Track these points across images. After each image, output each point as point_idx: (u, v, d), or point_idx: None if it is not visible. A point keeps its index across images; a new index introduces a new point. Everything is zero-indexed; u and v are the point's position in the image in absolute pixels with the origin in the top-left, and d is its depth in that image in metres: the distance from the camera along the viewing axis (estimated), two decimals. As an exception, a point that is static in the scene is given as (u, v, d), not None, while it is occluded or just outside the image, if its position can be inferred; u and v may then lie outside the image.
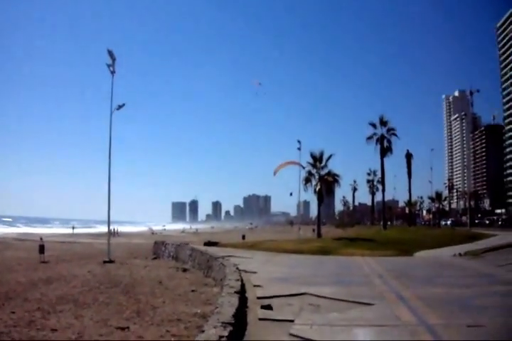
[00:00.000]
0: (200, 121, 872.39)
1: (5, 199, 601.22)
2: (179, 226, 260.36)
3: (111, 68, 42.44)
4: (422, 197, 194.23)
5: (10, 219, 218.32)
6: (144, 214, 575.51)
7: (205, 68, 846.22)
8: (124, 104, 43.22)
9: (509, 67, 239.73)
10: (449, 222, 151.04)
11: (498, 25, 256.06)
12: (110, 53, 42.14)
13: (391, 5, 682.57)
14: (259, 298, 17.00)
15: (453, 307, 15.12)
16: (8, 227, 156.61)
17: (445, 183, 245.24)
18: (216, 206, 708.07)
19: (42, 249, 39.96)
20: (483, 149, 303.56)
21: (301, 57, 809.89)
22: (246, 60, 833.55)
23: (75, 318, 16.65)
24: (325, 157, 75.38)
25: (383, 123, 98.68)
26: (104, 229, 73.09)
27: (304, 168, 72.40)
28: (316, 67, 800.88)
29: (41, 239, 43.71)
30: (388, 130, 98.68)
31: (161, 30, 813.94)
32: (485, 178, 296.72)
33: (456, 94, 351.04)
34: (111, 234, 50.70)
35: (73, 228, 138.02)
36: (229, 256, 32.21)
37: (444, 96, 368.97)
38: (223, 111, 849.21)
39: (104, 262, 37.46)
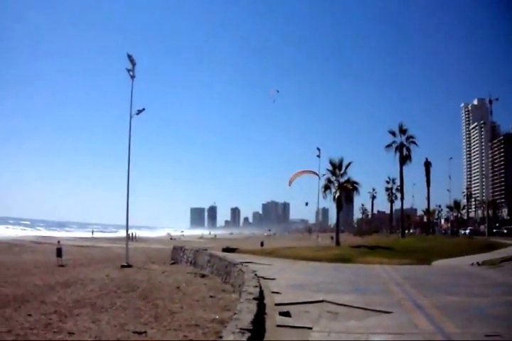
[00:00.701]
0: (219, 128, 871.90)
1: (24, 203, 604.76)
2: (198, 232, 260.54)
3: (131, 73, 42.24)
4: (440, 206, 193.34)
5: (28, 222, 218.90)
6: (163, 219, 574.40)
7: (223, 75, 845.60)
8: (143, 109, 43.01)
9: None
10: (467, 231, 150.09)
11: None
12: (130, 58, 41.93)
13: (410, 15, 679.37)
14: (277, 304, 16.98)
15: (470, 316, 15.03)
16: (26, 230, 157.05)
17: (463, 192, 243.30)
18: (235, 212, 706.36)
19: (59, 252, 40.08)
20: (502, 158, 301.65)
21: (320, 64, 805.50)
22: (265, 68, 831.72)
23: (92, 322, 16.67)
24: (344, 164, 75.23)
25: (402, 131, 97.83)
26: (122, 233, 73.30)
27: (319, 177, 71.99)
28: (335, 74, 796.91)
29: (59, 242, 43.58)
30: (407, 138, 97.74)
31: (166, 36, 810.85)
32: (503, 187, 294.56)
33: (475, 102, 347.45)
34: (129, 238, 50.77)
35: (93, 232, 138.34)
36: (247, 262, 32.22)
37: (462, 104, 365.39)
38: (243, 118, 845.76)
39: (122, 266, 37.54)
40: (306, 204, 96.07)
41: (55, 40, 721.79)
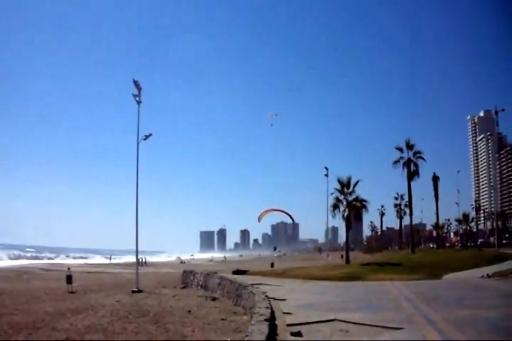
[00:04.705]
0: (225, 150, 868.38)
1: (33, 231, 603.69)
2: (207, 255, 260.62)
3: (137, 98, 42.25)
4: (449, 220, 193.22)
5: (33, 250, 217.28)
6: (173, 243, 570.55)
7: (229, 95, 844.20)
8: (150, 134, 42.83)
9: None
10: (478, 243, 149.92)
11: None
12: (136, 83, 41.89)
13: (414, 27, 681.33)
14: (288, 325, 16.93)
15: (481, 328, 15.01)
16: (34, 258, 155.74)
17: (472, 204, 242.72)
18: (244, 234, 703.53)
19: (69, 279, 40.03)
20: (510, 168, 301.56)
21: (325, 81, 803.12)
22: (270, 87, 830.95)
23: (103, 348, 16.66)
24: (352, 182, 75.48)
25: (410, 146, 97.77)
26: (132, 258, 73.30)
27: (293, 221, 72.81)
28: (341, 91, 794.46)
29: (69, 269, 43.62)
30: (415, 153, 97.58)
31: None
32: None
33: (481, 114, 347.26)
34: (139, 263, 50.65)
35: (110, 258, 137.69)
36: (258, 284, 32.18)
37: (469, 116, 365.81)
38: (250, 139, 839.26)
39: (133, 292, 37.44)
40: (275, 248, 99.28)
41: (60, 63, 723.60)
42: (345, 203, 75.25)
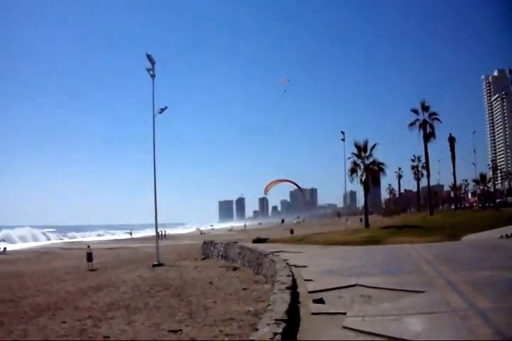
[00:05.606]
0: (241, 118, 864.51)
1: (47, 210, 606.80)
2: (227, 224, 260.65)
3: (151, 72, 42.86)
4: (466, 180, 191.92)
5: (54, 229, 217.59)
6: (192, 215, 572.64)
7: (244, 63, 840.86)
8: (166, 107, 43.51)
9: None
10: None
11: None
12: (149, 57, 42.35)
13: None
14: (310, 292, 16.93)
15: (502, 290, 14.96)
16: (54, 237, 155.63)
17: (488, 165, 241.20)
18: (263, 202, 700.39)
19: (90, 256, 40.19)
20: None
21: (338, 46, 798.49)
22: (284, 54, 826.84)
23: (126, 324, 16.68)
24: (369, 146, 75.35)
25: (425, 108, 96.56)
26: (151, 232, 73.41)
27: (300, 190, 73.30)
28: (354, 55, 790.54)
29: (88, 246, 43.71)
30: (430, 115, 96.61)
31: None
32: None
33: (496, 73, 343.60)
34: (159, 237, 50.78)
35: (131, 233, 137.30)
36: (278, 251, 32.28)
37: (483, 76, 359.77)
38: (264, 107, 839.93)
39: (154, 266, 37.64)
40: (282, 221, 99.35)
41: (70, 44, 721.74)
42: (362, 167, 75.48)
